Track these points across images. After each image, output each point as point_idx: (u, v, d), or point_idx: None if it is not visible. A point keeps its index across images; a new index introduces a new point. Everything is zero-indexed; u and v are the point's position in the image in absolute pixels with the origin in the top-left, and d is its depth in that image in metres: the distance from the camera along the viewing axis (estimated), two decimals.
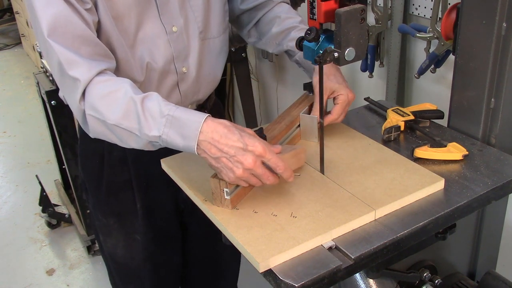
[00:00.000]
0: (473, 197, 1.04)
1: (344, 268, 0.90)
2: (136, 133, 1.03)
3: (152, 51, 1.20)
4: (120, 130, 1.04)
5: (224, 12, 1.33)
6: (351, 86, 1.26)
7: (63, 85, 1.10)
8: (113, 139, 1.09)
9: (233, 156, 0.96)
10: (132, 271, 1.48)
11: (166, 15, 1.20)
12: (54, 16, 1.03)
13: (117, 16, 1.13)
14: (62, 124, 2.43)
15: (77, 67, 1.04)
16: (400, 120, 1.29)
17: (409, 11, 1.80)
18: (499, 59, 1.17)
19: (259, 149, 0.95)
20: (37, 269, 2.68)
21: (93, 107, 1.05)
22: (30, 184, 3.30)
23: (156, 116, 1.00)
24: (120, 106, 1.02)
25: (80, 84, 1.04)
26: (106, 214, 1.40)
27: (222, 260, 1.64)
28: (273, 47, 1.38)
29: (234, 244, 0.97)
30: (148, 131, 1.01)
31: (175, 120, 0.99)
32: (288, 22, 1.33)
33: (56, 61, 1.05)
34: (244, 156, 0.95)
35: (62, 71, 1.06)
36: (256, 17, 1.39)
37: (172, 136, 1.00)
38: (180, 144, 1.00)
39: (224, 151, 0.96)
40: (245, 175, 0.97)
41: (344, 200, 1.03)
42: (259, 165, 0.97)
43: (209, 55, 1.31)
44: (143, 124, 1.01)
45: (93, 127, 1.08)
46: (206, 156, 0.99)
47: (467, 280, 1.31)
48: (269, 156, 0.97)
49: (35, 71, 2.69)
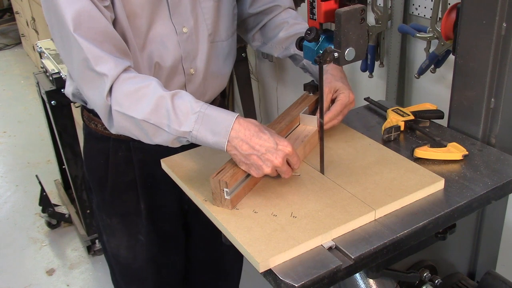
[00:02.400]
0: (473, 197, 1.04)
1: (344, 268, 0.90)
2: (165, 128, 1.04)
3: (161, 51, 1.20)
4: (147, 126, 1.05)
5: (233, 15, 1.34)
6: (351, 86, 1.26)
7: (85, 81, 1.09)
8: (138, 135, 1.09)
9: (264, 154, 1.01)
10: (135, 271, 1.48)
11: (177, 15, 1.20)
12: (78, 11, 1.03)
13: (130, 14, 1.13)
14: (62, 124, 2.42)
15: (104, 63, 1.05)
16: (400, 120, 1.29)
17: (409, 11, 1.80)
18: (499, 59, 1.17)
19: (289, 148, 1.02)
20: (37, 269, 2.68)
21: (121, 103, 1.06)
22: (30, 184, 3.30)
23: (186, 112, 1.03)
24: (149, 102, 1.04)
25: (107, 80, 1.05)
26: (110, 214, 1.40)
27: (225, 261, 1.63)
28: (279, 51, 1.39)
29: (234, 244, 0.97)
30: (178, 127, 1.03)
31: (206, 117, 1.02)
32: (296, 28, 1.34)
33: (81, 57, 1.05)
34: (275, 155, 1.01)
35: (87, 67, 1.06)
36: (263, 22, 1.40)
37: (203, 132, 1.02)
38: (210, 140, 1.02)
39: (255, 149, 1.01)
40: (273, 172, 1.03)
41: (344, 200, 1.03)
42: (285, 163, 1.03)
43: (216, 58, 1.31)
44: (173, 120, 1.03)
45: (118, 122, 1.08)
46: (236, 153, 1.02)
47: (467, 280, 1.31)
48: (295, 156, 1.04)
49: (35, 71, 2.69)
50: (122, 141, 1.31)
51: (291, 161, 1.04)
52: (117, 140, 1.31)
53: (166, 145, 1.09)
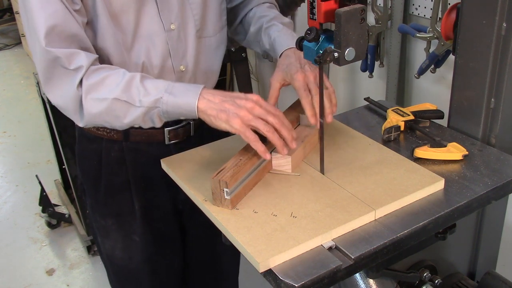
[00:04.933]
0: (473, 197, 1.04)
1: (344, 268, 0.90)
2: (136, 104, 1.08)
3: (149, 49, 1.20)
4: (119, 105, 1.09)
5: (221, 10, 1.33)
6: (351, 86, 1.26)
7: (53, 80, 1.11)
8: (109, 119, 1.12)
9: (236, 98, 1.06)
10: (130, 272, 1.47)
11: (165, 11, 1.19)
12: (50, 15, 1.05)
13: (115, 14, 1.13)
14: (62, 124, 2.42)
15: (77, 57, 1.08)
16: (400, 120, 1.29)
17: (409, 11, 1.80)
18: (499, 59, 1.17)
19: (254, 96, 1.07)
20: (37, 269, 2.68)
21: (92, 89, 1.09)
22: (30, 184, 3.30)
23: (156, 86, 1.09)
24: (119, 82, 1.09)
25: (81, 71, 1.08)
26: (104, 215, 1.40)
27: (222, 261, 1.63)
28: (255, 46, 1.40)
29: (234, 244, 0.97)
30: (149, 97, 1.08)
31: (176, 86, 1.09)
32: (261, 21, 1.35)
33: (51, 58, 1.07)
34: (244, 100, 1.06)
35: (59, 65, 1.08)
36: (239, 16, 1.41)
37: (173, 96, 1.08)
38: (182, 101, 1.08)
39: (227, 97, 1.07)
40: (249, 116, 1.04)
41: (344, 200, 1.03)
42: (259, 107, 1.06)
43: (205, 54, 1.31)
44: (143, 93, 1.08)
45: (90, 109, 1.11)
46: (211, 106, 1.06)
47: (467, 280, 1.31)
48: (264, 103, 1.08)
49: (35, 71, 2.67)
50: (115, 141, 1.30)
51: (261, 103, 1.07)
52: (110, 141, 1.30)
53: (138, 125, 1.13)
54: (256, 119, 1.05)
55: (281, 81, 1.22)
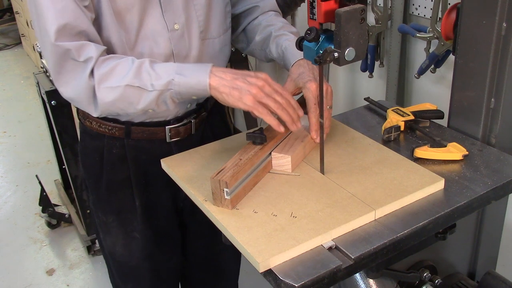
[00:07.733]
0: (473, 197, 1.04)
1: (344, 268, 0.90)
2: (148, 88, 1.10)
3: (152, 48, 1.20)
4: (132, 91, 1.11)
5: (226, 13, 1.33)
6: (351, 86, 1.26)
7: (64, 74, 1.12)
8: (123, 106, 1.14)
9: (246, 76, 1.09)
10: (131, 269, 1.48)
11: (169, 12, 1.20)
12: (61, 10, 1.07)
13: (119, 11, 1.14)
14: (62, 124, 2.42)
15: (86, 49, 1.10)
16: (400, 120, 1.30)
17: (409, 11, 1.80)
18: (499, 59, 1.17)
19: (263, 74, 1.10)
20: (37, 269, 2.68)
21: (104, 79, 1.11)
22: (30, 184, 3.30)
23: (166, 69, 1.11)
24: (129, 69, 1.11)
25: (91, 61, 1.09)
26: (106, 211, 1.40)
27: (222, 260, 1.63)
28: (258, 54, 1.40)
29: (234, 244, 0.97)
30: (159, 81, 1.10)
31: (185, 67, 1.12)
32: (268, 30, 1.35)
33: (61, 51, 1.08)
34: (254, 78, 1.09)
35: (70, 57, 1.09)
36: (243, 23, 1.41)
37: (184, 78, 1.09)
38: (193, 81, 1.09)
39: (237, 74, 1.10)
40: (261, 93, 1.08)
41: (344, 200, 1.03)
42: (268, 85, 1.09)
43: (208, 55, 1.31)
44: (154, 77, 1.10)
45: (103, 98, 1.12)
46: (223, 83, 1.08)
47: (467, 280, 1.31)
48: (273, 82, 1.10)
49: (35, 71, 2.69)
50: (117, 138, 1.31)
51: (270, 82, 1.10)
52: (111, 138, 1.31)
53: (152, 109, 1.14)
54: (267, 97, 1.08)
55: (292, 90, 1.22)
